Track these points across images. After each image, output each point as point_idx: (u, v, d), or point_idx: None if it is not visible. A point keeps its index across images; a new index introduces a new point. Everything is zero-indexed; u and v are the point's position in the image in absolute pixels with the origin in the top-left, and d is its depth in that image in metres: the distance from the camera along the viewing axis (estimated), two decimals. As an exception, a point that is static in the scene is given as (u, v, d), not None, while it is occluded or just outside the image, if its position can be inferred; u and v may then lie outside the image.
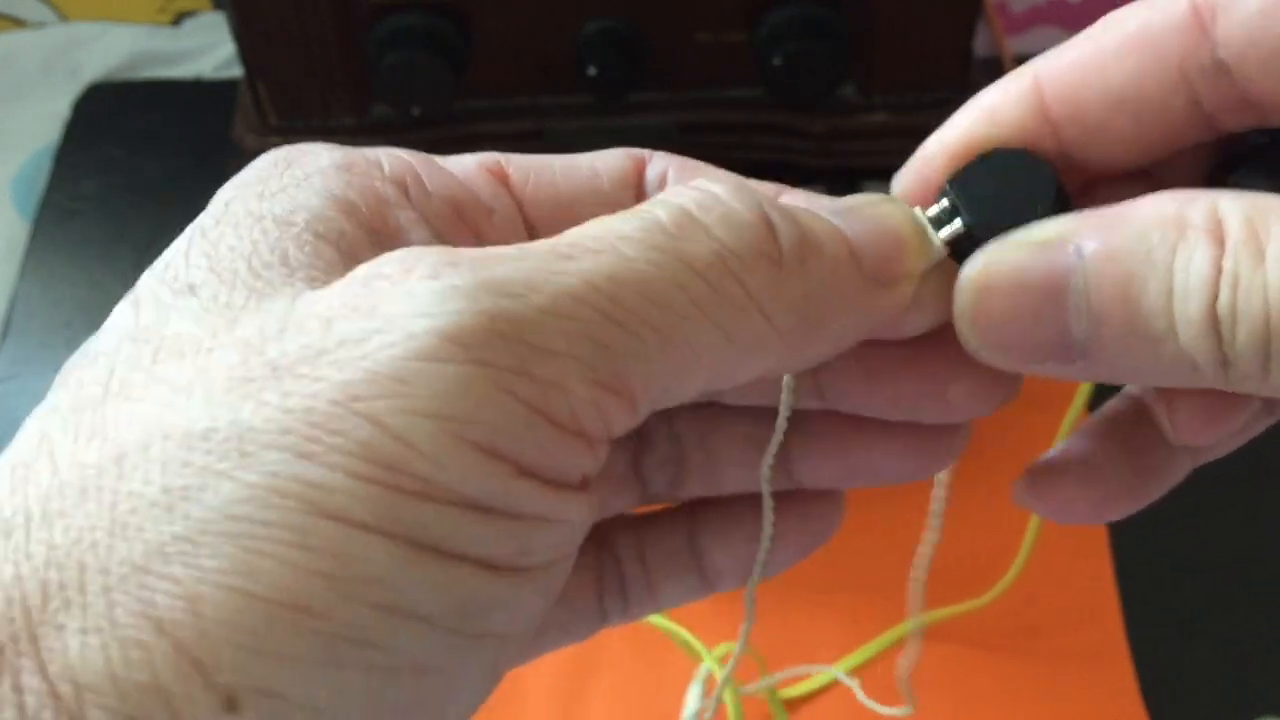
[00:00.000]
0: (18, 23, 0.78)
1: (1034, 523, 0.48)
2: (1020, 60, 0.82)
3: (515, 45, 0.61)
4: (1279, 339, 0.18)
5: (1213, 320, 0.19)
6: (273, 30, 0.59)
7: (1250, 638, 0.55)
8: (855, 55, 0.60)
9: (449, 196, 0.22)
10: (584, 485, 0.18)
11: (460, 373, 0.17)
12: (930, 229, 0.22)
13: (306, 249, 0.19)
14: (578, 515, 0.18)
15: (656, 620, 0.50)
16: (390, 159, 0.22)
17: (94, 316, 0.64)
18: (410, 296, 0.17)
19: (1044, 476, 0.25)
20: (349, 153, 0.22)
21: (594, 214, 0.20)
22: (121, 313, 0.20)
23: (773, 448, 0.24)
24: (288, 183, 0.21)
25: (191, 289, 0.19)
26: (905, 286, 0.21)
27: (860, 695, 0.50)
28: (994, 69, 0.70)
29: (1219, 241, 0.19)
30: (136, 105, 0.74)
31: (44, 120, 0.74)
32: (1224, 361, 0.19)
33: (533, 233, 0.23)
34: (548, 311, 0.17)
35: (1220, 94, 0.21)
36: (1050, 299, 0.20)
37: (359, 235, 0.20)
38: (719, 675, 0.51)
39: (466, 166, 0.23)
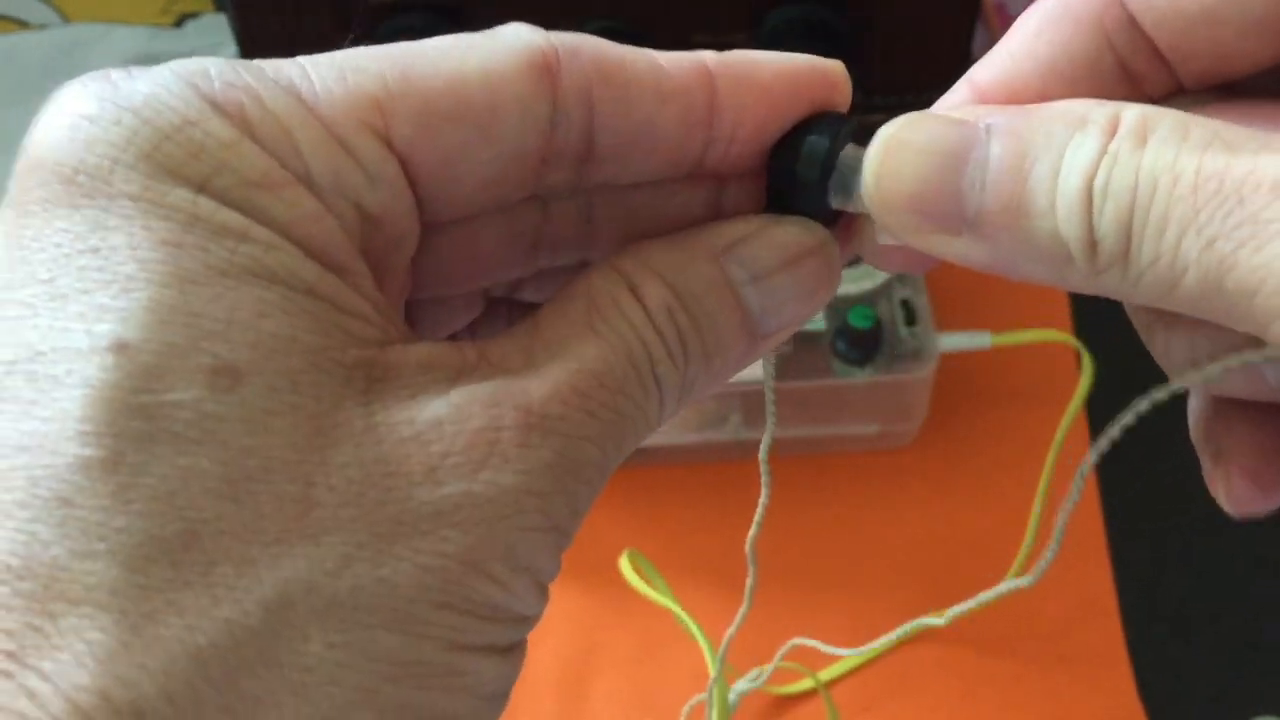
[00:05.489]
0: (20, 24, 0.79)
1: (1032, 524, 0.49)
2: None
3: (516, 46, 0.61)
4: (1140, 216, 0.19)
5: (1086, 197, 0.20)
6: (274, 32, 0.59)
7: (1247, 638, 0.55)
8: (855, 57, 0.60)
9: (333, 179, 0.20)
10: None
11: (548, 539, 0.21)
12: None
13: (323, 320, 0.20)
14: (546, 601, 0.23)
15: (672, 608, 0.50)
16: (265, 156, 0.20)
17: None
18: (518, 472, 0.20)
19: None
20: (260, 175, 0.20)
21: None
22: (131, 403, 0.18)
23: (767, 438, 0.27)
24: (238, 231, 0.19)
25: (235, 376, 0.18)
26: (792, 331, 0.24)
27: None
28: (993, 70, 0.70)
29: (1112, 133, 0.20)
30: (138, 106, 0.74)
31: (46, 121, 0.74)
32: (1091, 245, 0.20)
33: (412, 180, 0.22)
34: (585, 483, 0.21)
35: (1132, 47, 0.23)
36: (951, 162, 0.21)
37: (327, 277, 0.20)
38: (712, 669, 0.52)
39: (346, 127, 0.21)
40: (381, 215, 0.21)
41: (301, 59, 0.21)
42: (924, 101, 0.25)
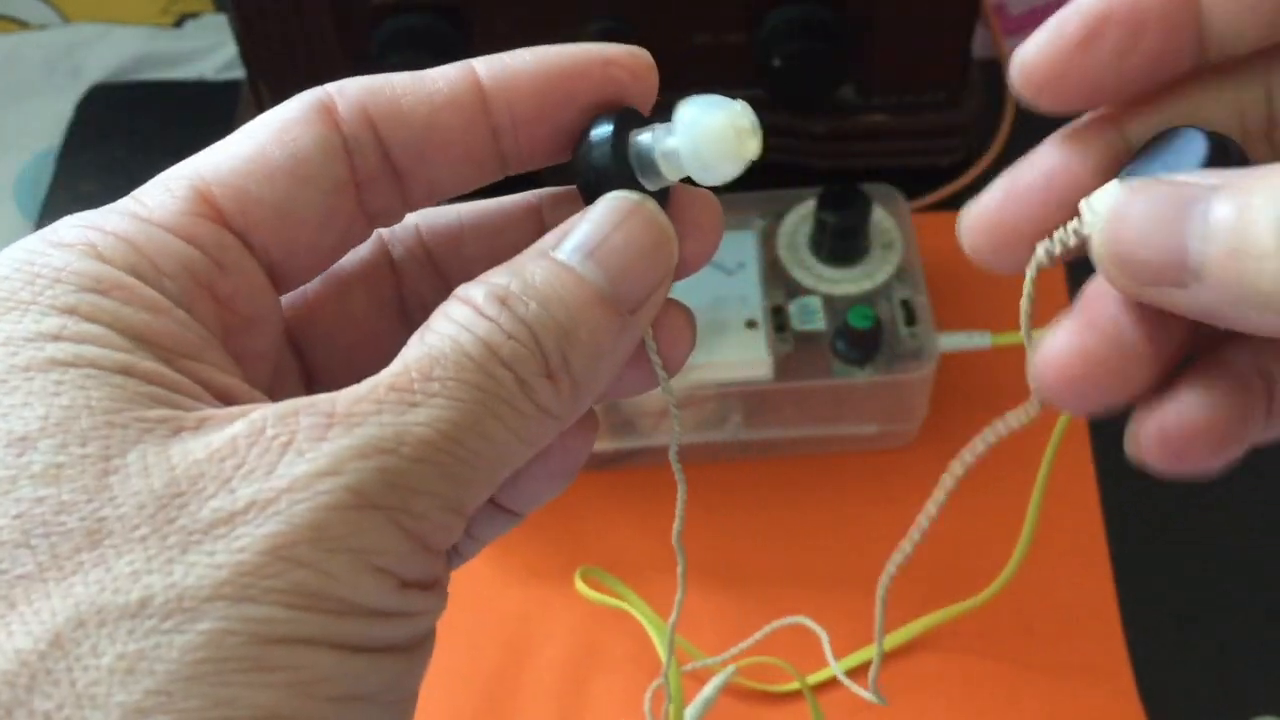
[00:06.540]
0: (20, 24, 0.79)
1: (1029, 525, 0.49)
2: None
3: (515, 47, 0.61)
4: None
5: None
6: (274, 32, 0.59)
7: (1247, 638, 0.55)
8: (855, 56, 0.60)
9: (182, 269, 0.23)
10: (436, 583, 0.23)
11: (365, 516, 0.21)
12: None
13: (130, 390, 0.21)
14: (436, 604, 0.23)
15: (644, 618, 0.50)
16: (92, 268, 0.22)
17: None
18: (311, 459, 0.20)
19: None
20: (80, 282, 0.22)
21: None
22: None
23: (674, 441, 0.28)
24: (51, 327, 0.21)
25: (25, 443, 0.20)
26: (659, 297, 0.24)
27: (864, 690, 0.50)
28: (993, 70, 0.70)
29: None
30: (139, 106, 0.74)
31: (46, 121, 0.74)
32: None
33: (270, 271, 0.24)
34: (417, 460, 0.21)
35: None
36: (1175, 214, 0.22)
37: (150, 361, 0.22)
38: (661, 650, 0.52)
39: (180, 221, 0.23)
40: (233, 295, 0.23)
41: (134, 193, 0.24)
42: (924, 102, 0.25)
